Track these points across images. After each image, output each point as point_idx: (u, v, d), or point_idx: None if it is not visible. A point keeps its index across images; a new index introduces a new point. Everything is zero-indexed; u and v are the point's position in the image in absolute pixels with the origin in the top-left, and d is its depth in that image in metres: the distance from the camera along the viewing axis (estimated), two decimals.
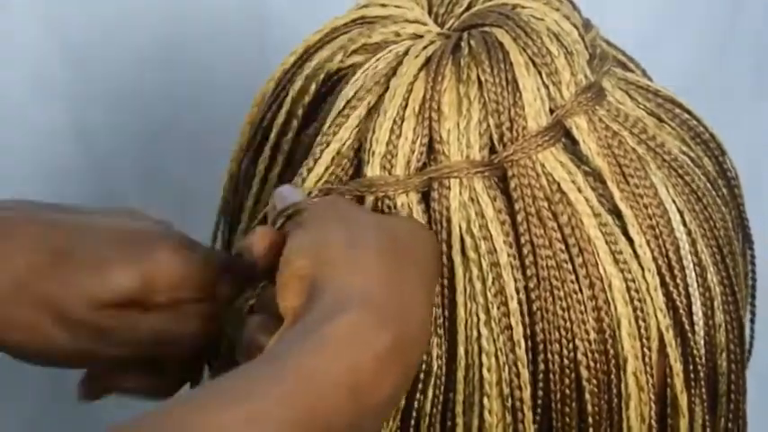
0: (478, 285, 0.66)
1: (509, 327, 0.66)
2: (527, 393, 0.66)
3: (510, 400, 0.66)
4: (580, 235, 0.67)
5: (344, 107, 0.70)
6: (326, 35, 0.75)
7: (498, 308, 0.66)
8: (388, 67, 0.70)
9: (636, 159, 0.69)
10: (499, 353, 0.66)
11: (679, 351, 0.69)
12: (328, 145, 0.70)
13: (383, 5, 0.74)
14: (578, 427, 0.67)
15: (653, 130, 0.71)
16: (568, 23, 0.71)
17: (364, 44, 0.72)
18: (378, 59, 0.70)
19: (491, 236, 0.66)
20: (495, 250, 0.66)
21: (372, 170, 0.68)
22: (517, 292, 0.66)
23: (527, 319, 0.66)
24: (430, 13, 0.74)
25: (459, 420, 0.67)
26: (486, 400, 0.66)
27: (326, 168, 0.69)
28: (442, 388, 0.67)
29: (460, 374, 0.66)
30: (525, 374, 0.66)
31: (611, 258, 0.67)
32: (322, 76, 0.73)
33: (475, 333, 0.66)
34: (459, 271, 0.66)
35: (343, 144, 0.69)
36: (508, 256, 0.66)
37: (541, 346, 0.66)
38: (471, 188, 0.67)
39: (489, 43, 0.69)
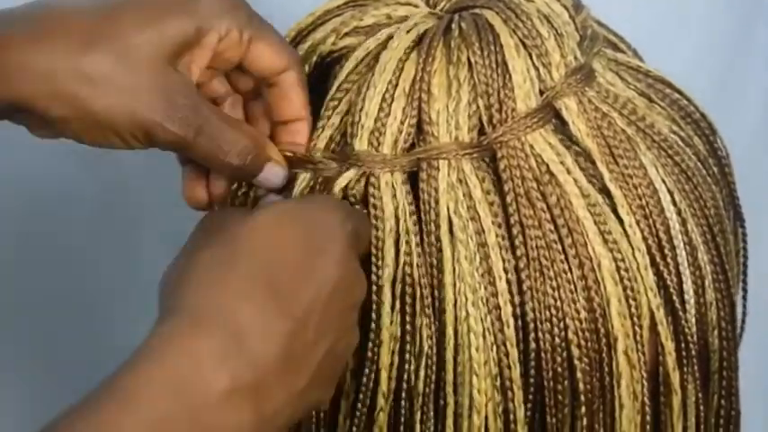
0: (466, 265, 0.66)
1: (497, 306, 0.66)
2: (516, 373, 0.67)
3: (499, 379, 0.67)
4: (569, 216, 0.67)
5: (337, 90, 0.70)
6: (319, 17, 0.75)
7: (486, 288, 0.66)
8: (379, 46, 0.70)
9: (625, 140, 0.69)
10: (487, 332, 0.66)
11: (670, 329, 0.70)
12: (323, 130, 0.70)
13: None
14: (571, 405, 0.68)
15: (643, 110, 0.71)
16: (558, 5, 0.72)
17: (356, 27, 0.73)
18: (369, 41, 0.70)
19: (479, 216, 0.67)
20: (483, 231, 0.67)
21: (360, 144, 0.69)
22: (506, 272, 0.67)
23: (517, 299, 0.67)
24: None
25: (450, 400, 0.67)
26: (475, 379, 0.66)
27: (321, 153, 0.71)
28: (434, 368, 0.68)
29: (449, 354, 0.67)
30: (514, 354, 0.67)
31: (601, 239, 0.67)
32: (314, 58, 0.73)
33: (463, 313, 0.67)
34: (447, 251, 0.67)
35: (336, 129, 0.70)
36: (496, 236, 0.67)
37: (532, 326, 0.67)
38: (460, 169, 0.67)
39: (480, 25, 0.69)
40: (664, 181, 0.70)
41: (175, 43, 0.68)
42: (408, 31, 0.70)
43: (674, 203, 0.70)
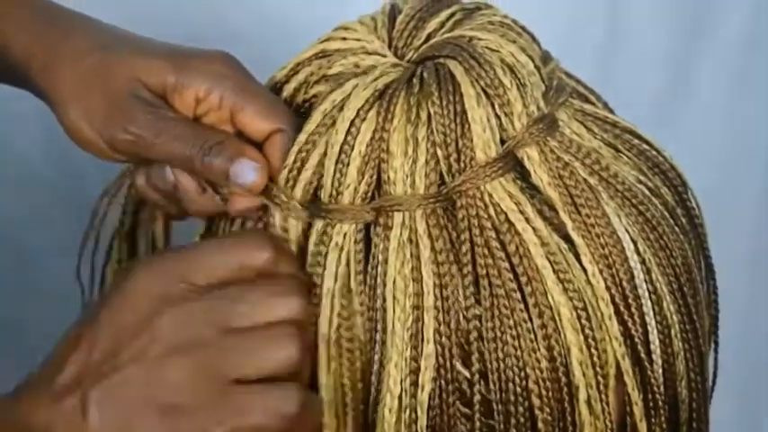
0: (398, 326, 0.67)
1: (417, 370, 0.67)
2: None
3: None
4: (528, 264, 0.67)
5: (305, 143, 0.71)
6: (291, 70, 0.76)
7: (410, 350, 0.67)
8: (345, 99, 0.71)
9: (587, 189, 0.69)
10: (404, 395, 0.66)
11: (637, 379, 0.69)
12: (294, 183, 0.71)
13: (343, 39, 0.75)
14: None
15: (607, 160, 0.71)
16: (524, 55, 0.72)
17: (324, 75, 0.73)
18: (335, 93, 0.71)
19: (421, 278, 0.67)
20: (423, 293, 0.67)
21: (324, 195, 0.70)
22: (439, 335, 0.67)
23: (477, 347, 0.67)
24: (390, 46, 0.75)
25: None
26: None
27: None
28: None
29: (370, 412, 0.68)
30: (423, 420, 0.66)
31: (560, 287, 0.67)
32: (291, 108, 0.74)
33: (386, 372, 0.67)
34: (389, 312, 0.67)
35: (309, 183, 0.71)
36: (435, 298, 0.67)
37: (496, 375, 0.67)
38: (413, 229, 0.68)
39: (441, 75, 0.69)
40: (627, 230, 0.69)
41: (154, 87, 0.72)
42: (365, 88, 0.70)
43: (638, 252, 0.69)
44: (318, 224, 0.69)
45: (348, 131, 0.69)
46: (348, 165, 0.68)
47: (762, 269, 1.39)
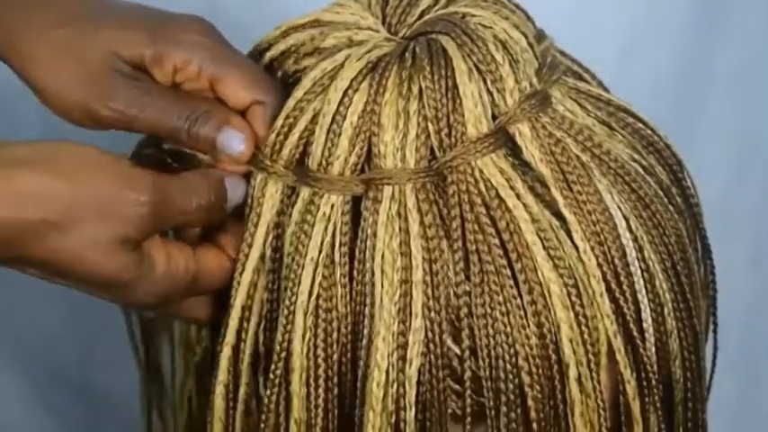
0: (386, 300, 0.66)
1: (405, 344, 0.66)
2: (411, 414, 0.66)
3: (394, 417, 0.67)
4: (518, 240, 0.67)
5: (293, 109, 0.71)
6: (282, 33, 0.76)
7: (398, 324, 0.66)
8: (336, 68, 0.70)
9: (579, 166, 0.69)
10: (391, 369, 0.66)
11: (629, 358, 0.69)
12: (281, 149, 0.71)
13: (337, 12, 0.75)
14: None
15: (600, 137, 0.71)
16: (517, 32, 0.72)
17: (316, 47, 0.73)
18: (326, 62, 0.71)
19: (410, 252, 0.67)
20: (411, 267, 0.67)
21: (312, 163, 0.69)
22: (428, 309, 0.66)
23: (467, 324, 0.66)
24: (384, 23, 0.75)
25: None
26: (371, 414, 0.67)
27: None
28: (346, 401, 0.69)
29: (359, 385, 0.68)
30: (412, 395, 0.66)
31: (551, 263, 0.67)
32: (278, 74, 0.75)
33: (374, 346, 0.67)
34: (378, 285, 0.67)
35: (296, 147, 0.70)
36: (424, 273, 0.66)
37: (485, 352, 0.67)
38: (402, 203, 0.67)
39: (433, 50, 0.69)
40: (619, 207, 0.69)
41: (131, 59, 0.71)
42: (359, 59, 0.70)
43: (630, 230, 0.69)
44: (305, 192, 0.69)
45: (341, 102, 0.68)
46: (340, 135, 0.68)
47: None
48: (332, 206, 0.68)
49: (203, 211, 0.70)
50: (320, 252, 0.68)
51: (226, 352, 0.71)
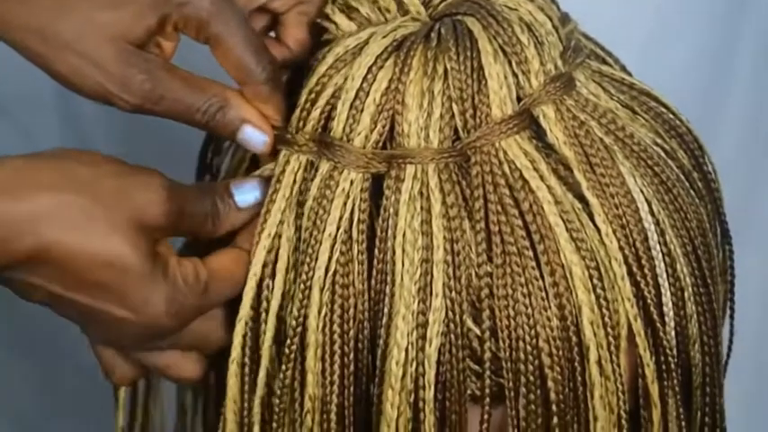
0: (407, 279, 0.67)
1: (425, 323, 0.66)
2: (430, 394, 0.66)
3: (413, 396, 0.67)
4: (541, 222, 0.67)
5: (316, 84, 0.71)
6: None
7: (418, 303, 0.66)
8: (357, 47, 0.71)
9: (603, 149, 0.69)
10: (410, 347, 0.66)
11: (649, 341, 0.69)
12: (305, 124, 0.71)
13: None
14: (544, 415, 0.67)
15: (623, 121, 0.71)
16: (542, 14, 0.72)
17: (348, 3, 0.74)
18: (349, 40, 0.71)
19: (431, 232, 0.67)
20: (432, 246, 0.67)
21: (333, 137, 0.69)
22: (449, 289, 0.66)
23: (488, 304, 0.67)
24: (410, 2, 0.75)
25: (373, 409, 0.68)
26: (390, 392, 0.67)
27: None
28: (363, 378, 0.69)
29: (378, 363, 0.68)
30: (431, 374, 0.66)
31: (573, 246, 0.67)
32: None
33: (394, 324, 0.67)
34: (399, 263, 0.67)
35: (318, 122, 0.71)
36: (446, 252, 0.67)
37: (506, 333, 0.67)
38: (425, 183, 0.67)
39: (459, 31, 0.69)
40: (642, 191, 0.69)
41: (137, 31, 0.69)
42: (384, 36, 0.70)
43: (653, 213, 0.69)
44: (324, 167, 0.69)
45: (365, 78, 0.68)
46: (362, 111, 0.68)
47: None
48: (351, 182, 0.68)
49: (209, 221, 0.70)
50: (338, 228, 0.68)
51: (239, 329, 0.71)
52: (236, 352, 0.71)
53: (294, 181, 0.70)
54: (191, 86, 0.71)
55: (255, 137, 0.72)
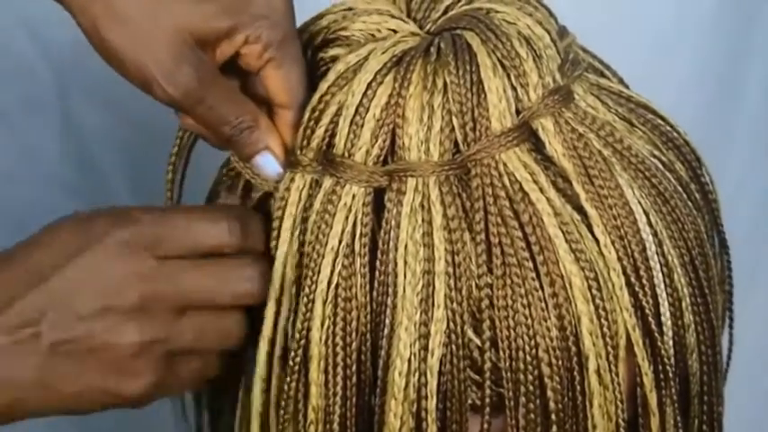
0: (408, 291, 0.67)
1: (427, 335, 0.67)
2: (432, 404, 0.67)
3: (415, 406, 0.68)
4: (541, 233, 0.68)
5: (318, 102, 0.72)
6: (317, 16, 0.77)
7: (420, 314, 0.67)
8: (358, 64, 0.71)
9: (601, 161, 0.70)
10: (413, 358, 0.67)
11: (647, 351, 0.70)
12: (309, 143, 0.71)
13: (369, 3, 0.76)
14: (543, 424, 0.68)
15: (621, 133, 0.72)
16: (540, 28, 0.73)
17: (344, 28, 0.74)
18: (350, 56, 0.72)
19: (432, 243, 0.68)
20: (434, 258, 0.67)
21: (335, 153, 0.70)
22: (450, 300, 0.67)
23: (488, 315, 0.67)
24: (408, 17, 0.76)
25: (375, 419, 0.69)
26: (393, 402, 0.67)
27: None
28: (366, 390, 0.70)
29: (380, 374, 0.69)
30: (433, 384, 0.67)
31: (572, 257, 0.68)
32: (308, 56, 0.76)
33: (396, 336, 0.68)
34: (401, 275, 0.68)
35: (322, 140, 0.71)
36: (447, 263, 0.67)
37: (506, 343, 0.68)
38: (426, 195, 0.68)
39: (458, 45, 0.70)
40: (640, 202, 0.70)
41: (207, 30, 0.70)
42: (384, 52, 0.71)
43: (651, 224, 0.70)
44: (327, 183, 0.70)
45: (364, 94, 0.69)
46: (362, 126, 0.69)
47: None
48: (353, 196, 0.69)
49: None
50: (340, 242, 0.69)
51: (263, 346, 0.72)
52: (260, 369, 0.72)
53: (299, 198, 0.71)
54: (231, 99, 0.72)
55: (271, 165, 0.72)
